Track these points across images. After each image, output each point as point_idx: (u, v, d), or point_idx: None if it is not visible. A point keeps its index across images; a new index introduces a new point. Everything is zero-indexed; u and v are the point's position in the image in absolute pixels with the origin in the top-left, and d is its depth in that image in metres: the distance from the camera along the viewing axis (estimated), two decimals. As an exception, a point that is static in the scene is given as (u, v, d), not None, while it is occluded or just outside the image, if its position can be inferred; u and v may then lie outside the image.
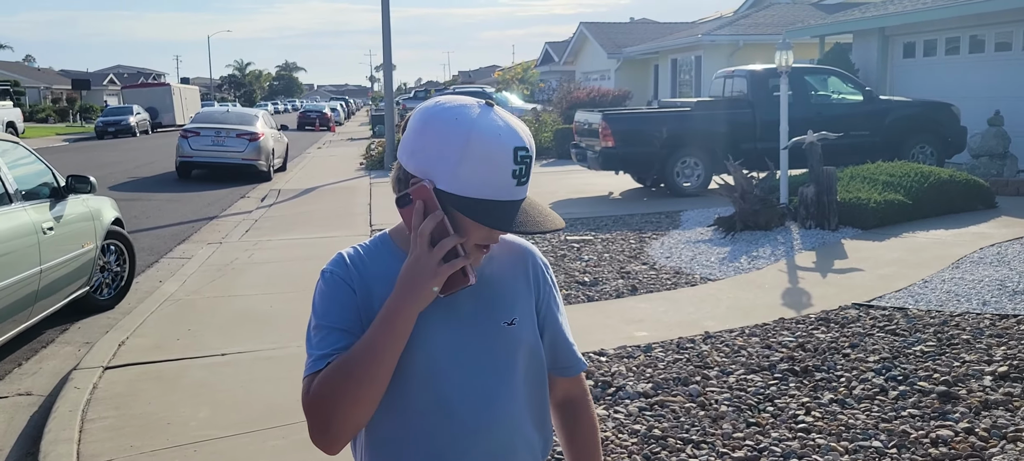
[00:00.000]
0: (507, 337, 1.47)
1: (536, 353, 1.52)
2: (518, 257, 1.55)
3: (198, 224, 11.62)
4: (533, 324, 1.52)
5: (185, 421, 4.24)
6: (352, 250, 1.48)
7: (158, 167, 20.47)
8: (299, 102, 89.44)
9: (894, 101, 13.10)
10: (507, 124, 1.34)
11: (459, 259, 1.32)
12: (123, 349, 5.46)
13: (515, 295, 1.51)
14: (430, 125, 1.33)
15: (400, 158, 1.38)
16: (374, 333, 1.34)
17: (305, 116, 47.45)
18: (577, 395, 1.64)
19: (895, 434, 3.64)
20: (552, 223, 1.36)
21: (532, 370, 1.51)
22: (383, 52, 19.53)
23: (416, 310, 1.33)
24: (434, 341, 1.41)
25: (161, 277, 8.05)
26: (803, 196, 8.77)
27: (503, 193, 1.33)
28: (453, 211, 1.32)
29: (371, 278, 1.42)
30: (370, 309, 1.40)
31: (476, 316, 1.45)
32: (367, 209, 11.91)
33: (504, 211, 1.32)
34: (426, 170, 1.33)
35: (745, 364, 4.65)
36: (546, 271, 1.58)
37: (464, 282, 1.33)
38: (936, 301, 5.78)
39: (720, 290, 6.53)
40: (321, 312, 1.41)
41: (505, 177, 1.32)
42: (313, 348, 1.39)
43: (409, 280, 1.32)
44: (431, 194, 1.32)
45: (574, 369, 1.60)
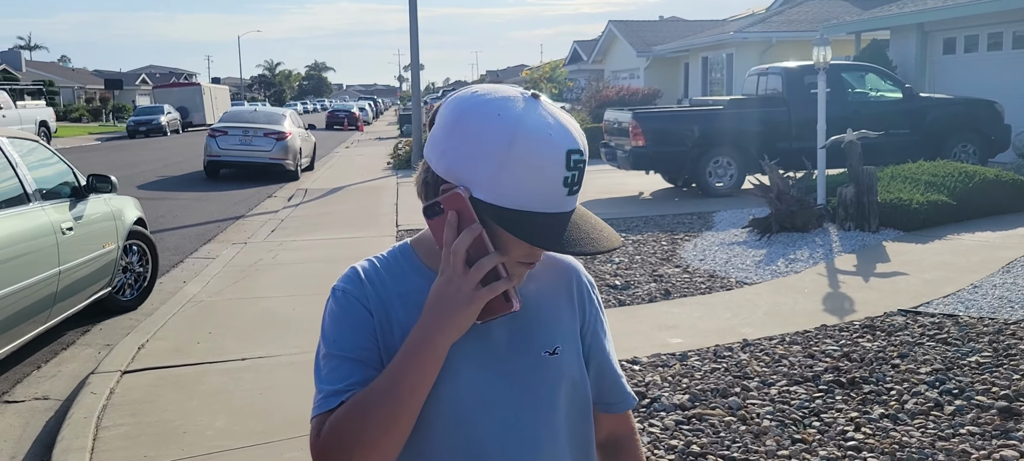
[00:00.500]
0: (548, 369, 1.25)
1: (581, 388, 1.30)
2: (560, 275, 1.33)
3: (224, 224, 11.53)
4: (578, 353, 1.31)
5: (202, 430, 4.08)
6: (368, 264, 1.26)
7: (187, 166, 20.50)
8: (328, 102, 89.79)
9: (935, 98, 12.71)
10: (558, 122, 1.11)
11: (501, 282, 1.11)
12: (143, 352, 5.33)
13: (557, 320, 1.29)
14: (466, 121, 1.11)
15: (428, 157, 1.16)
16: (398, 369, 1.13)
17: (333, 116, 47.53)
18: (623, 434, 1.42)
19: (954, 454, 3.38)
20: (608, 241, 1.13)
21: (576, 408, 1.30)
22: (411, 51, 19.41)
23: (448, 342, 1.12)
24: (462, 376, 1.20)
25: (185, 278, 7.94)
26: (842, 197, 8.47)
27: (552, 204, 1.11)
28: (492, 224, 1.11)
29: (390, 298, 1.21)
30: (389, 335, 1.19)
31: (512, 345, 1.24)
32: (394, 209, 11.75)
33: (553, 226, 1.10)
34: (460, 174, 1.11)
35: (787, 375, 4.40)
36: (592, 291, 1.37)
37: (506, 308, 1.12)
38: (988, 308, 5.49)
39: (757, 294, 6.27)
40: (332, 338, 1.20)
41: (555, 186, 1.10)
42: (323, 381, 1.18)
43: (441, 306, 1.11)
44: (466, 204, 1.10)
45: (622, 405, 1.39)
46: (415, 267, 1.24)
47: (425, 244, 1.26)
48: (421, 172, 1.19)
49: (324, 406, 1.15)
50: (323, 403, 1.16)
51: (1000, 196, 9.06)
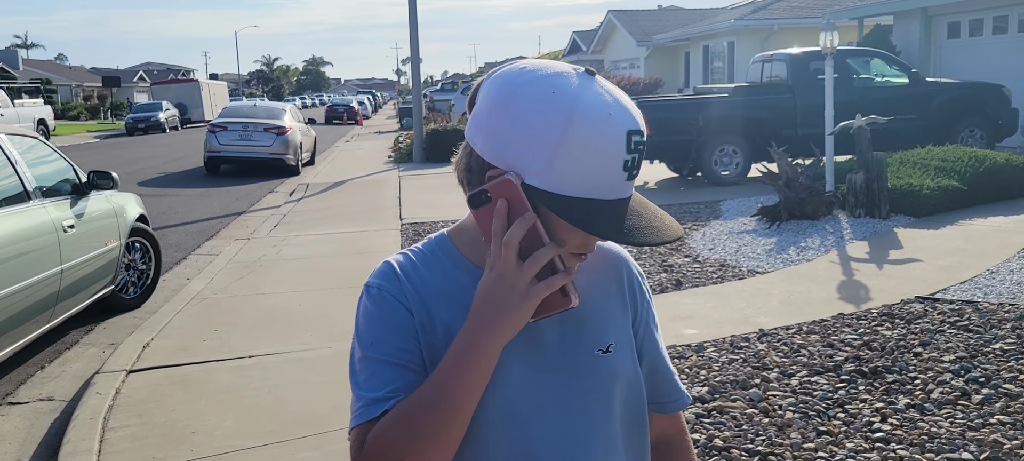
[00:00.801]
0: (601, 369, 1.16)
1: (636, 387, 1.20)
2: (610, 266, 1.23)
3: (226, 220, 11.43)
4: (631, 350, 1.21)
5: (210, 430, 3.99)
6: (403, 257, 1.15)
7: (187, 163, 20.39)
8: (326, 96, 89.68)
9: (941, 83, 12.59)
10: (616, 100, 1.01)
11: (559, 275, 1.01)
12: (147, 351, 5.24)
13: (609, 315, 1.19)
14: (517, 100, 1.00)
15: (472, 140, 1.06)
16: (447, 374, 1.03)
17: (333, 110, 47.42)
18: (675, 435, 1.33)
19: (986, 444, 3.29)
20: (672, 230, 1.04)
21: (631, 409, 1.20)
22: (410, 44, 19.26)
23: (501, 343, 1.03)
24: (511, 379, 1.10)
25: (188, 274, 7.84)
26: (851, 183, 8.37)
27: (611, 190, 1.01)
28: (546, 212, 1.01)
29: (430, 296, 1.11)
30: (432, 336, 1.09)
31: (563, 344, 1.14)
32: (397, 203, 11.65)
33: (612, 214, 1.00)
34: (510, 159, 1.01)
35: (807, 365, 4.31)
36: (642, 282, 1.27)
37: (564, 304, 1.02)
38: (1007, 294, 5.39)
39: (770, 283, 6.17)
40: (369, 340, 1.10)
41: (615, 170, 1.00)
42: (362, 387, 1.08)
43: (493, 303, 1.01)
44: (518, 191, 1.00)
45: (676, 404, 1.29)
46: (455, 261, 1.14)
47: (465, 235, 1.16)
48: (463, 156, 1.09)
49: (366, 415, 1.06)
50: (364, 412, 1.06)
51: (1011, 180, 8.96)
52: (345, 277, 7.08)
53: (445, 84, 44.39)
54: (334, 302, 6.24)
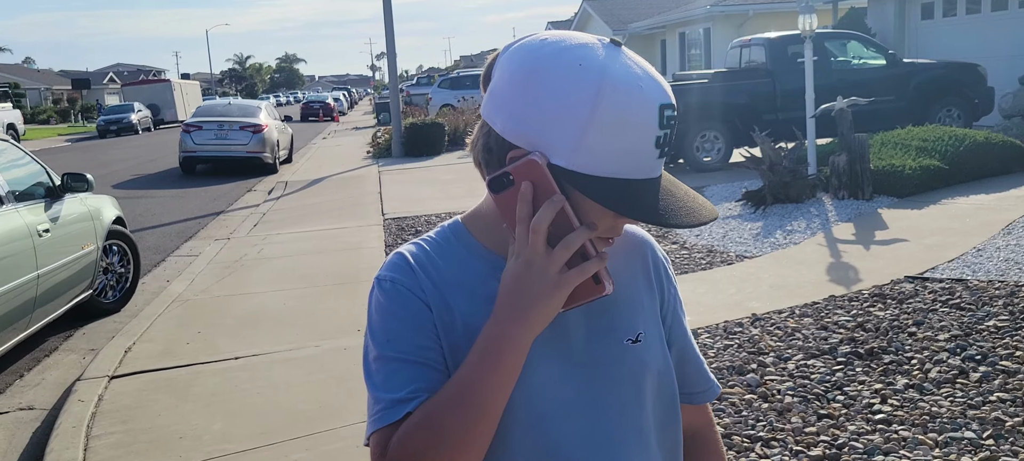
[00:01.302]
0: (632, 360, 1.08)
1: (667, 379, 1.14)
2: (634, 250, 1.16)
3: (205, 220, 11.27)
4: (661, 338, 1.14)
5: (199, 434, 3.89)
6: (416, 248, 1.08)
7: (162, 163, 20.12)
8: (301, 94, 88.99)
9: (918, 64, 12.64)
10: (646, 72, 0.94)
11: (592, 261, 0.93)
12: (130, 356, 5.12)
13: (636, 302, 1.12)
14: (541, 74, 0.93)
15: (490, 118, 0.98)
16: (473, 372, 0.95)
17: (308, 107, 47.08)
18: (703, 427, 1.27)
19: (988, 422, 3.27)
20: (708, 211, 0.97)
21: (663, 401, 1.13)
22: (386, 39, 19.11)
23: (531, 336, 0.95)
24: (538, 373, 1.02)
25: (168, 276, 7.71)
26: (834, 165, 8.37)
27: (643, 169, 0.94)
28: (574, 194, 0.94)
29: (448, 287, 1.04)
30: (452, 332, 1.02)
31: (590, 334, 1.07)
32: (378, 198, 11.54)
33: (645, 194, 0.94)
34: (534, 138, 0.93)
35: (802, 348, 4.27)
36: (668, 265, 1.20)
37: (596, 291, 0.95)
38: (996, 271, 5.39)
39: (759, 268, 6.15)
40: (384, 338, 1.02)
41: (647, 147, 0.93)
42: (380, 388, 1.00)
43: (520, 294, 0.94)
44: (545, 172, 0.93)
45: (706, 395, 1.22)
46: (472, 249, 1.07)
47: (481, 222, 1.08)
48: (480, 137, 1.00)
49: (386, 418, 0.98)
50: (385, 415, 0.98)
51: (991, 158, 9.00)
52: (329, 274, 6.98)
53: (421, 78, 44.08)
54: (319, 300, 6.14)
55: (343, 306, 5.90)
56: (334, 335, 5.22)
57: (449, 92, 26.65)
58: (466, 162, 15.61)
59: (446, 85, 28.11)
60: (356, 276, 6.83)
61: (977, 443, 3.12)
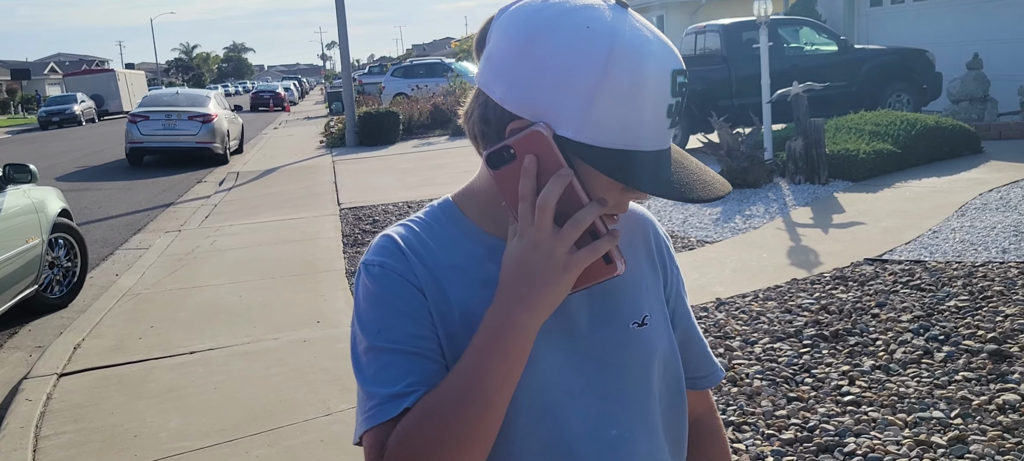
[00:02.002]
0: (638, 344, 1.02)
1: (673, 363, 1.07)
2: (635, 227, 1.09)
3: (154, 212, 10.98)
4: (666, 321, 1.08)
5: (154, 432, 3.75)
6: (404, 230, 0.99)
7: (107, 155, 19.61)
8: (250, 84, 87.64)
9: (869, 50, 12.83)
10: (656, 36, 0.88)
11: (604, 239, 0.86)
12: (79, 352, 4.94)
13: (640, 283, 1.06)
14: (545, 38, 0.85)
15: (488, 87, 0.90)
16: (477, 363, 0.87)
17: (258, 97, 46.30)
18: (704, 412, 1.21)
19: (954, 401, 3.28)
20: (722, 184, 0.91)
21: (669, 387, 1.07)
22: (338, 27, 18.81)
23: (538, 322, 0.88)
24: (542, 362, 0.95)
25: (117, 270, 7.48)
26: (791, 150, 8.44)
27: (653, 139, 0.87)
28: (581, 168, 0.86)
29: (442, 271, 0.96)
30: (448, 319, 0.94)
31: (594, 318, 1.00)
32: (333, 188, 11.35)
33: (657, 167, 0.87)
34: (539, 107, 0.86)
35: (768, 332, 4.27)
36: (669, 244, 1.14)
37: (607, 272, 0.88)
38: (952, 252, 5.46)
39: (721, 253, 6.15)
40: (375, 328, 0.93)
41: (658, 116, 0.87)
42: (372, 382, 0.92)
43: (527, 277, 0.86)
44: (551, 144, 0.85)
45: (710, 379, 1.16)
46: (465, 230, 0.99)
47: (475, 200, 1.00)
48: (476, 107, 0.93)
49: (381, 415, 0.90)
50: (380, 411, 0.90)
51: (942, 142, 9.16)
52: (286, 265, 6.83)
53: (373, 67, 43.67)
54: (277, 292, 5.99)
55: (301, 297, 5.77)
56: (293, 327, 5.09)
57: (402, 80, 26.39)
58: (422, 151, 15.47)
59: (399, 74, 27.82)
60: (314, 267, 6.69)
61: (946, 422, 3.13)
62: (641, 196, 0.92)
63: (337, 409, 3.75)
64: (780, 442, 3.11)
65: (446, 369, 0.93)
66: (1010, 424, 3.05)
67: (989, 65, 11.51)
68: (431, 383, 0.90)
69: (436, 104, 20.08)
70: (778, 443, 3.11)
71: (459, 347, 0.92)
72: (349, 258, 6.87)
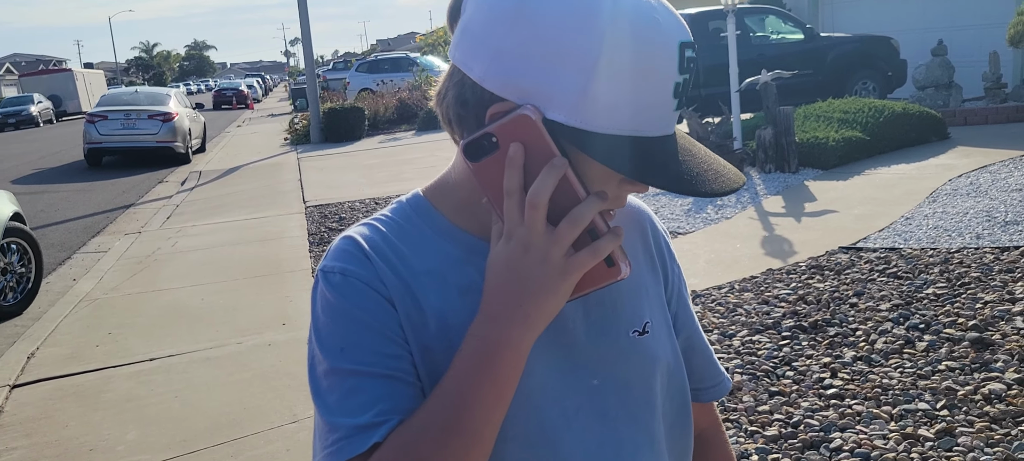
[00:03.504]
0: (639, 355, 0.90)
1: (677, 374, 0.95)
2: (632, 223, 0.97)
3: (113, 214, 10.68)
4: (668, 327, 0.96)
5: (111, 445, 3.57)
6: (369, 230, 0.85)
7: (65, 156, 19.14)
8: (212, 82, 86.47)
9: (834, 38, 12.87)
10: (661, 4, 0.75)
11: (606, 239, 0.73)
12: (33, 362, 4.73)
13: (640, 285, 0.93)
14: (535, 4, 0.72)
15: (466, 65, 0.77)
16: (462, 385, 0.75)
17: (221, 94, 45.63)
18: (709, 426, 1.09)
19: (940, 392, 3.21)
20: (736, 175, 0.78)
21: (674, 401, 0.95)
22: (301, 23, 18.52)
23: (532, 336, 0.75)
24: (535, 379, 0.83)
25: (75, 275, 7.23)
26: (761, 139, 8.39)
27: (658, 123, 0.75)
28: (577, 156, 0.74)
29: (414, 277, 0.82)
30: (423, 332, 0.81)
31: (591, 328, 0.87)
32: (298, 185, 11.14)
33: (665, 155, 0.75)
34: (527, 86, 0.73)
35: (746, 324, 4.19)
36: (668, 240, 1.01)
37: (610, 276, 0.75)
38: (926, 239, 5.43)
39: (694, 244, 6.07)
40: (337, 346, 0.79)
41: (664, 96, 0.74)
42: (335, 411, 0.78)
43: (518, 286, 0.73)
44: (540, 130, 0.72)
45: (717, 390, 1.04)
46: (440, 229, 0.86)
47: (451, 196, 0.87)
48: (451, 87, 0.79)
49: (348, 450, 0.76)
50: (345, 446, 0.76)
51: (909, 128, 9.17)
52: (250, 266, 6.63)
53: (337, 63, 43.18)
54: (240, 294, 5.81)
55: (266, 299, 5.59)
56: (257, 330, 4.92)
57: (367, 76, 26.07)
58: (388, 146, 15.27)
59: (364, 69, 27.49)
60: (278, 267, 6.51)
61: (932, 414, 3.06)
62: (642, 188, 0.79)
63: (304, 416, 3.60)
64: (764, 439, 3.02)
65: (422, 393, 0.80)
66: (997, 414, 2.98)
67: (953, 51, 11.57)
68: (405, 410, 0.77)
69: (402, 99, 19.88)
70: (762, 440, 3.01)
71: (436, 363, 0.79)
72: (315, 257, 6.70)
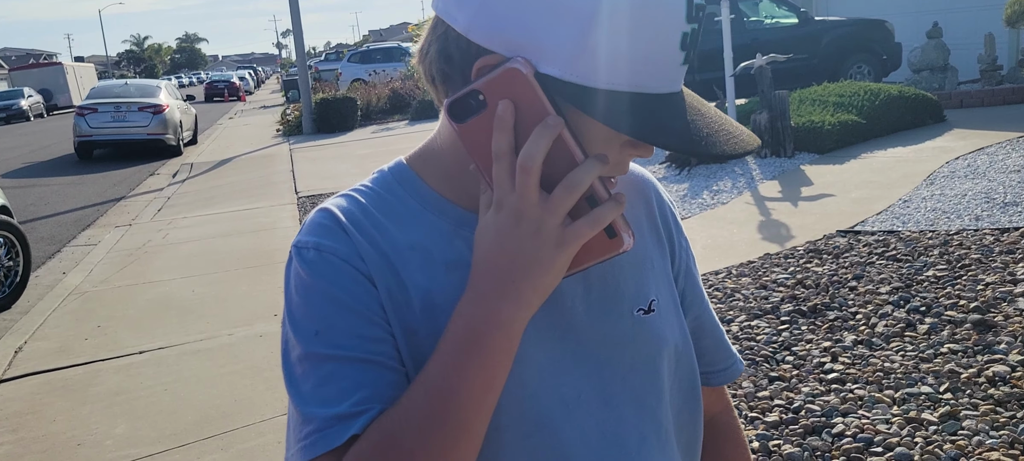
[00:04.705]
0: (645, 336, 0.83)
1: (685, 355, 0.88)
2: (635, 192, 0.89)
3: (104, 207, 10.58)
4: (676, 305, 0.89)
5: (99, 440, 3.50)
6: (347, 201, 0.78)
7: (56, 150, 19.01)
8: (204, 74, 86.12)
9: (829, 21, 12.79)
10: None
11: (606, 206, 0.66)
12: (21, 356, 4.66)
13: (645, 260, 0.86)
14: None
15: (449, 15, 0.69)
16: (448, 370, 0.67)
17: (213, 87, 45.38)
18: (721, 411, 1.02)
19: (943, 375, 3.15)
20: (748, 136, 0.71)
21: (682, 385, 0.88)
22: (291, 14, 18.40)
23: (526, 315, 0.68)
24: (532, 362, 0.76)
25: (64, 268, 7.14)
26: (756, 124, 8.32)
27: (663, 79, 0.67)
28: (574, 115, 0.66)
29: (396, 252, 0.75)
30: (406, 311, 0.73)
31: (591, 306, 0.80)
32: (290, 176, 11.05)
33: (672, 114, 0.67)
34: (517, 38, 0.65)
35: (744, 309, 4.13)
36: (673, 211, 0.94)
37: (611, 248, 0.68)
38: (925, 221, 5.37)
39: (691, 229, 6.00)
40: (312, 328, 0.73)
41: (670, 49, 0.66)
42: (310, 400, 0.71)
43: (510, 259, 0.66)
44: (532, 85, 0.65)
45: (729, 373, 0.97)
46: (425, 199, 0.78)
47: (436, 163, 0.80)
48: (434, 41, 0.71)
49: (324, 443, 0.69)
50: (320, 439, 0.69)
51: (905, 111, 9.11)
52: (241, 257, 6.56)
53: (330, 54, 43.00)
54: (231, 285, 5.73)
55: (257, 290, 5.51)
56: (248, 322, 4.85)
57: (359, 66, 25.96)
58: (381, 136, 15.18)
59: (356, 59, 27.37)
60: (270, 258, 6.43)
61: (935, 398, 3.00)
62: (646, 151, 0.72)
63: (296, 407, 3.53)
64: (765, 425, 2.96)
65: (406, 379, 0.73)
66: (1002, 397, 2.93)
67: (948, 34, 11.49)
68: (387, 399, 0.70)
69: (394, 89, 19.76)
70: (763, 426, 2.95)
71: (421, 346, 0.72)
72: (307, 247, 6.62)
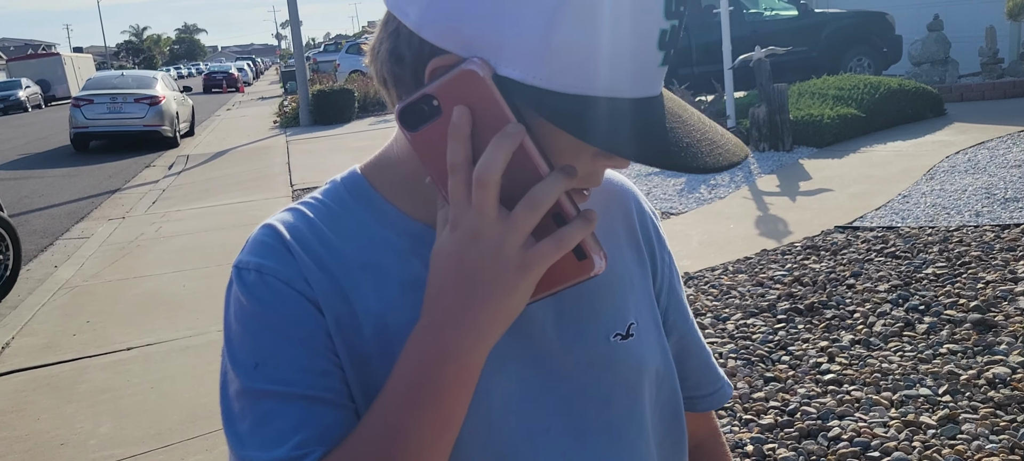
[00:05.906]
0: (622, 363, 0.76)
1: (667, 380, 0.81)
2: (613, 204, 0.82)
3: (98, 199, 10.51)
4: (657, 327, 0.82)
5: (83, 439, 3.44)
6: (293, 216, 0.71)
7: (52, 141, 18.92)
8: (203, 65, 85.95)
9: (829, 14, 12.72)
10: None
11: (574, 225, 0.59)
12: (7, 352, 4.59)
13: (623, 279, 0.79)
14: None
15: (400, 9, 0.61)
16: (400, 409, 0.61)
17: (211, 78, 45.27)
18: (707, 438, 0.95)
19: (941, 377, 3.09)
20: (735, 146, 0.62)
21: (664, 413, 0.81)
22: (289, 4, 18.30)
23: (485, 346, 0.61)
24: (495, 394, 0.69)
25: (56, 262, 7.07)
26: (754, 117, 8.25)
27: (641, 82, 0.59)
28: (537, 123, 0.59)
29: (347, 274, 0.68)
30: (356, 340, 0.67)
31: (564, 331, 0.73)
32: (286, 168, 10.97)
33: (648, 122, 0.59)
34: (473, 36, 0.58)
35: (740, 306, 4.06)
36: (657, 223, 0.87)
37: (581, 272, 0.61)
38: (924, 217, 5.30)
39: (687, 225, 5.94)
40: (251, 361, 0.66)
41: (647, 48, 0.58)
42: (248, 442, 0.65)
43: (467, 285, 0.59)
44: (491, 89, 0.57)
45: (715, 398, 0.91)
46: (380, 213, 0.71)
47: (392, 173, 0.73)
48: (385, 40, 0.64)
49: None
50: None
51: (905, 105, 9.05)
52: (233, 252, 6.47)
53: (328, 45, 42.89)
54: (221, 280, 5.64)
55: (249, 285, 5.45)
56: (239, 318, 4.78)
57: (357, 58, 25.83)
58: (378, 128, 15.10)
59: (354, 51, 27.29)
60: (263, 252, 6.37)
61: (934, 400, 2.94)
62: (621, 163, 0.65)
63: (283, 407, 3.47)
64: (759, 428, 2.90)
65: (355, 416, 0.66)
66: (1002, 400, 2.87)
67: (949, 26, 11.42)
68: (332, 439, 0.64)
69: (392, 80, 19.64)
70: (757, 429, 2.89)
71: (373, 376, 0.66)
72: (301, 242, 6.56)
